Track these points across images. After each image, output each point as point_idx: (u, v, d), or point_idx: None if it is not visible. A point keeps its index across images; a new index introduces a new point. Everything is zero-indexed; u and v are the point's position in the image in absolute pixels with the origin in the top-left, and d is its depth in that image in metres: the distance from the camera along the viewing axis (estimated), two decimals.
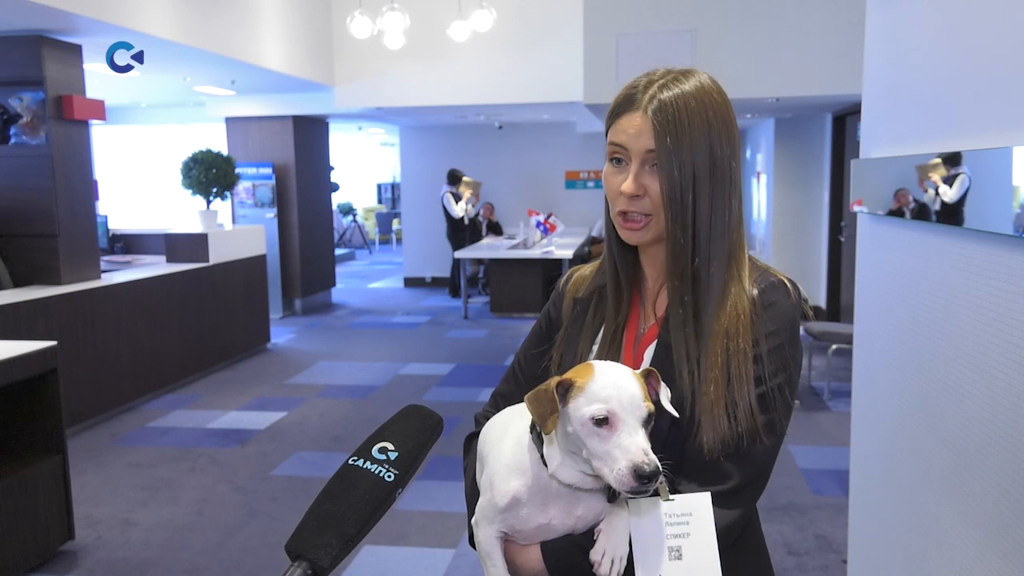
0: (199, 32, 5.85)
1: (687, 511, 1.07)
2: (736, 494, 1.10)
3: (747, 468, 1.10)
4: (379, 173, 20.73)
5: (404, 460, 0.88)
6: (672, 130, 1.10)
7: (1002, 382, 1.51)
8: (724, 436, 1.08)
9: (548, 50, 7.92)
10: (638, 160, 1.13)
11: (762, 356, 1.11)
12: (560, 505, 1.09)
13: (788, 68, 5.96)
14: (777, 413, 1.12)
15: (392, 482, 0.85)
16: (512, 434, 1.14)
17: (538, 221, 9.57)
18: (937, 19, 1.88)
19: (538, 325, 1.36)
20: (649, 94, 1.13)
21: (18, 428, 3.40)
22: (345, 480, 0.85)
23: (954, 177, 1.71)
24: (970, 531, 1.63)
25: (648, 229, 1.15)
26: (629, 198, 1.14)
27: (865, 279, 2.40)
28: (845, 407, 5.32)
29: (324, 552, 0.78)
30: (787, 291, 1.16)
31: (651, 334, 1.20)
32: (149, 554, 3.48)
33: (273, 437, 5.01)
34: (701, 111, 1.12)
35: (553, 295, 1.36)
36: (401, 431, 0.91)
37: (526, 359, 1.35)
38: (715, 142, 1.12)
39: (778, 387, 1.12)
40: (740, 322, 1.11)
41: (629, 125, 1.14)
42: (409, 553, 3.47)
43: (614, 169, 1.17)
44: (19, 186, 5.01)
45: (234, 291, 7.02)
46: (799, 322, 1.16)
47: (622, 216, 1.16)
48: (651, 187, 1.13)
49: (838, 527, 3.59)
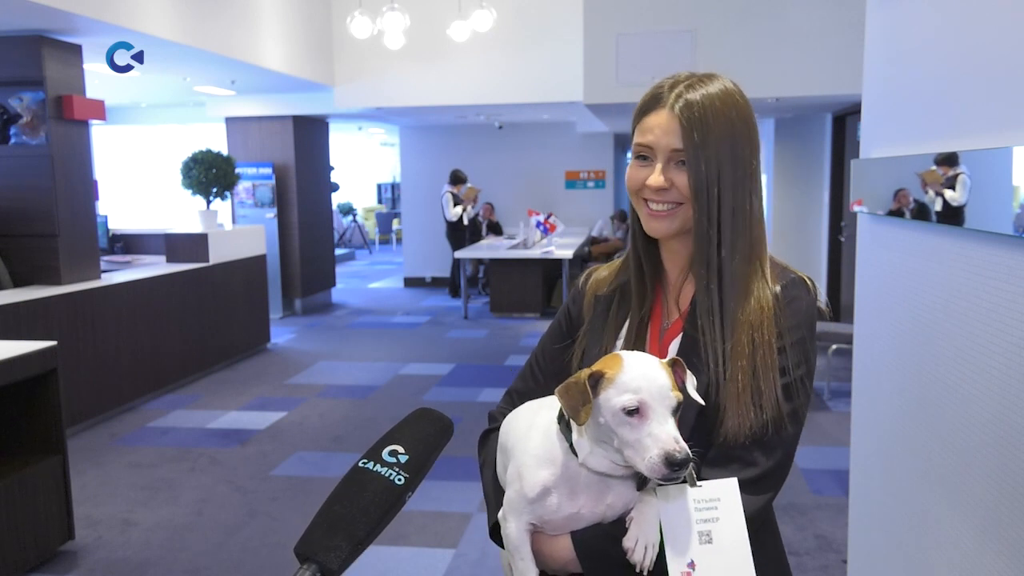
0: (199, 32, 5.85)
1: (715, 496, 1.10)
2: (763, 480, 1.14)
3: (771, 455, 1.14)
4: (379, 173, 20.73)
5: (414, 463, 0.87)
6: (699, 127, 1.14)
7: (1002, 382, 1.51)
8: (751, 424, 1.12)
9: (548, 50, 7.92)
10: (664, 157, 1.18)
11: (786, 349, 1.15)
12: (590, 494, 1.11)
13: (788, 68, 5.96)
14: (800, 401, 1.17)
15: (402, 485, 0.85)
16: (539, 426, 1.16)
17: (538, 221, 9.57)
18: (937, 19, 1.88)
19: (557, 323, 1.39)
20: (675, 93, 1.17)
21: (18, 428, 3.40)
22: (355, 483, 0.85)
23: (955, 178, 1.71)
24: (970, 531, 1.63)
25: (675, 218, 1.20)
26: (656, 191, 1.18)
27: (865, 279, 2.40)
28: (845, 407, 5.32)
29: (333, 555, 0.78)
30: (807, 288, 1.21)
31: (675, 328, 1.24)
32: (149, 554, 3.48)
33: (273, 437, 5.01)
34: (725, 112, 1.16)
35: (572, 293, 1.40)
36: (412, 434, 0.91)
37: (544, 356, 1.38)
38: (737, 142, 1.17)
39: (800, 378, 1.17)
40: (764, 315, 1.16)
41: (656, 123, 1.18)
42: (409, 553, 3.47)
43: (639, 165, 1.21)
44: (19, 186, 5.01)
45: (234, 291, 7.02)
46: (816, 318, 1.21)
47: (648, 208, 1.21)
48: (678, 180, 1.17)
49: (838, 527, 3.59)
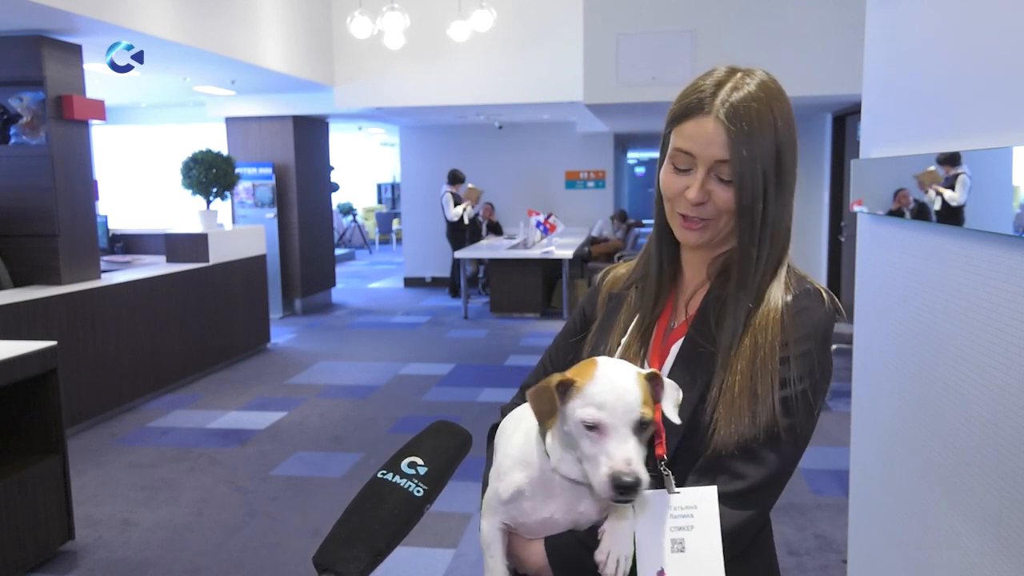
0: (199, 32, 5.85)
1: (692, 504, 1.07)
2: (748, 495, 1.09)
3: (760, 469, 1.09)
4: (379, 173, 20.73)
5: (433, 475, 0.87)
6: (745, 140, 1.09)
7: (1002, 382, 1.51)
8: (742, 431, 1.08)
9: (548, 50, 7.92)
10: (705, 167, 1.12)
11: (789, 359, 1.10)
12: (563, 500, 1.09)
13: (788, 68, 5.93)
14: (799, 419, 1.10)
15: (421, 497, 0.84)
16: (523, 427, 1.15)
17: (538, 221, 9.57)
18: (937, 19, 1.88)
19: (572, 320, 1.39)
20: (720, 99, 1.11)
21: (18, 428, 3.40)
22: (374, 494, 0.84)
23: (955, 178, 1.71)
24: (970, 531, 1.63)
25: (706, 231, 1.16)
26: (693, 204, 1.14)
27: (865, 279, 2.40)
28: (845, 407, 5.31)
29: (353, 566, 0.77)
30: (821, 299, 1.15)
31: (680, 330, 1.21)
32: (149, 554, 3.48)
33: (273, 437, 5.01)
34: (771, 119, 1.11)
35: (589, 290, 1.39)
36: (431, 446, 0.90)
37: (557, 352, 1.37)
38: (782, 146, 1.12)
39: (802, 393, 1.10)
40: (770, 318, 1.12)
41: (698, 132, 1.12)
42: (409, 553, 3.47)
43: (676, 173, 1.16)
44: (19, 186, 5.01)
45: (234, 291, 7.02)
46: (831, 332, 1.16)
47: (683, 218, 1.17)
48: (716, 195, 1.13)
49: (838, 527, 3.59)
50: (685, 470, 1.12)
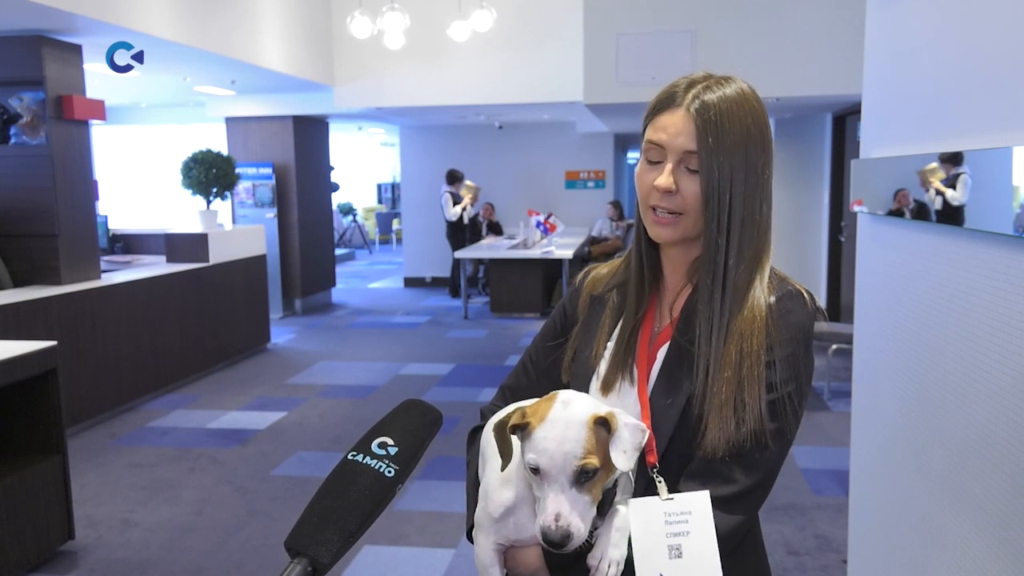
0: (199, 32, 5.85)
1: (686, 510, 1.07)
2: (739, 499, 1.11)
3: (751, 473, 1.11)
4: (379, 173, 20.73)
5: (404, 455, 0.87)
6: (713, 131, 1.11)
7: (1002, 382, 1.51)
8: (730, 437, 1.09)
9: (548, 50, 7.92)
10: (675, 158, 1.14)
11: (775, 363, 1.11)
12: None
13: (788, 68, 5.96)
14: (786, 421, 1.12)
15: (392, 477, 0.84)
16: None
17: (538, 221, 9.57)
18: (937, 19, 1.88)
19: (552, 320, 1.38)
20: (692, 94, 1.14)
21: (18, 428, 3.40)
22: (345, 475, 0.84)
23: (955, 178, 1.71)
24: (970, 531, 1.63)
25: (677, 227, 1.16)
26: (662, 194, 1.15)
27: (865, 279, 2.40)
28: (845, 407, 5.32)
29: (324, 548, 0.77)
30: (804, 301, 1.16)
31: (665, 334, 1.21)
32: (149, 554, 3.48)
33: (273, 437, 5.01)
34: (741, 117, 1.13)
35: (570, 291, 1.38)
36: (401, 426, 0.90)
37: (538, 352, 1.36)
38: (751, 149, 1.14)
39: (788, 395, 1.12)
40: (755, 325, 1.12)
41: (669, 123, 1.14)
42: (409, 553, 3.47)
43: (648, 168, 1.18)
44: (19, 186, 5.01)
45: (234, 291, 7.02)
46: (812, 334, 1.17)
47: (653, 212, 1.17)
48: (684, 186, 1.14)
49: (838, 527, 3.59)
50: (678, 474, 1.14)
